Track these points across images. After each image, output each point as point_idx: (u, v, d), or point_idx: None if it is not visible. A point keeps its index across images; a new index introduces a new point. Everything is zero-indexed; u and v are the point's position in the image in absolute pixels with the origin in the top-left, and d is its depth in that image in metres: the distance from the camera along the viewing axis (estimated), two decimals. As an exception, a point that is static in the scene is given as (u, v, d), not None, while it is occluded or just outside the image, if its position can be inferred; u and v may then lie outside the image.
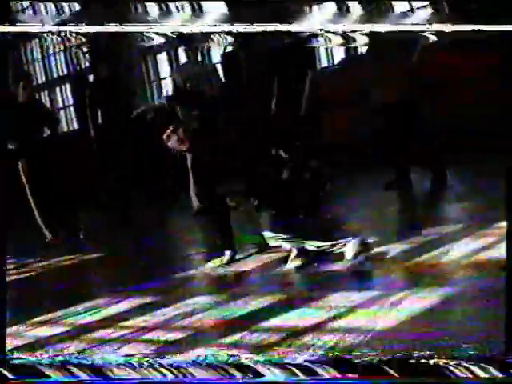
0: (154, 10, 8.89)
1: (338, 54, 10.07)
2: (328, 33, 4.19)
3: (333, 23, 7.86)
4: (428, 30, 3.28)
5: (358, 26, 4.19)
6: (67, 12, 10.48)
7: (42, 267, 6.36)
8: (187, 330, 3.63)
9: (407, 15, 7.58)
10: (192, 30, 3.74)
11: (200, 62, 8.80)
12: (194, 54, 8.17)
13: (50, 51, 13.01)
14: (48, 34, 3.81)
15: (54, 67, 13.09)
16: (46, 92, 13.25)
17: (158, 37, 4.02)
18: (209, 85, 7.89)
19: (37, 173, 7.30)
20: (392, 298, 3.48)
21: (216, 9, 7.99)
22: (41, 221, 7.47)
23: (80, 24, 3.48)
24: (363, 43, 3.96)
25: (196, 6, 7.38)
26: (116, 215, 8.27)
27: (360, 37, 3.69)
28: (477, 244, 4.23)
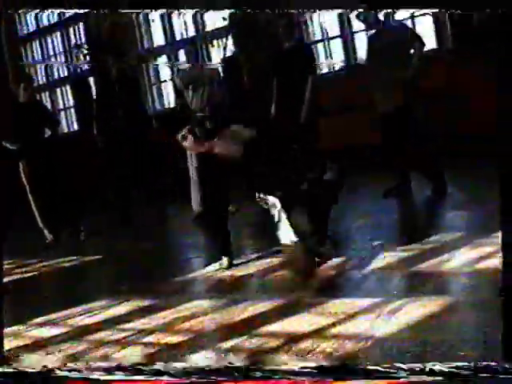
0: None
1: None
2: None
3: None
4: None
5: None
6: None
7: (41, 268, 6.37)
8: (187, 334, 3.64)
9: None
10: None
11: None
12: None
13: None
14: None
15: (55, 67, 13.12)
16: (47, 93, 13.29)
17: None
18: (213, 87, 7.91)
19: (37, 173, 7.32)
20: (390, 306, 3.49)
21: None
22: (41, 222, 7.48)
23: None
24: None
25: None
26: (117, 216, 8.28)
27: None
28: (475, 253, 4.23)
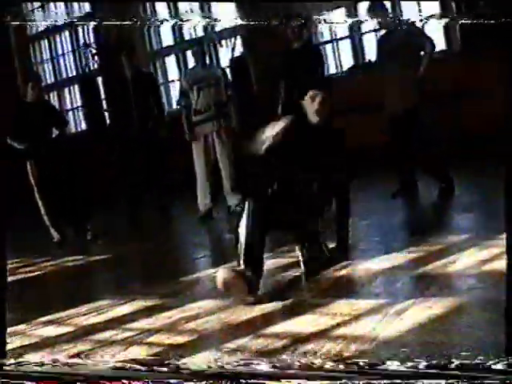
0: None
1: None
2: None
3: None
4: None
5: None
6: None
7: (48, 267, 6.38)
8: (192, 334, 3.63)
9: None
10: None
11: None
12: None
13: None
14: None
15: (63, 67, 13.15)
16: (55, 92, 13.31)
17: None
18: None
19: (45, 173, 7.33)
20: (397, 307, 3.48)
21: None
22: (48, 221, 7.50)
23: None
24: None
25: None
26: (124, 216, 8.30)
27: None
28: (482, 254, 4.22)
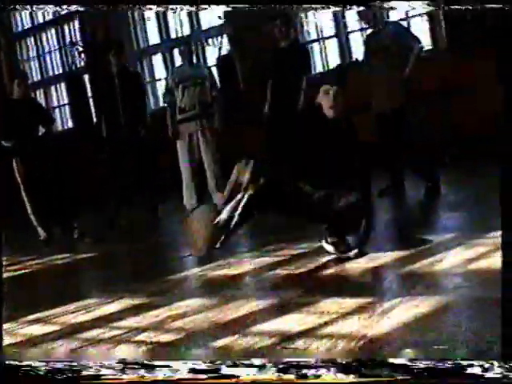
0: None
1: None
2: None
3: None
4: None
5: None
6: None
7: (35, 265, 6.37)
8: (179, 332, 3.63)
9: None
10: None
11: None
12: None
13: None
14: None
15: (49, 65, 13.10)
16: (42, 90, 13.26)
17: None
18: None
19: (31, 171, 7.32)
20: (384, 305, 3.49)
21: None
22: (35, 219, 7.48)
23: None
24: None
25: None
26: (110, 215, 8.28)
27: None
28: (469, 253, 4.24)
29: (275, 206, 4.65)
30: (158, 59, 11.79)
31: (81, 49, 12.11)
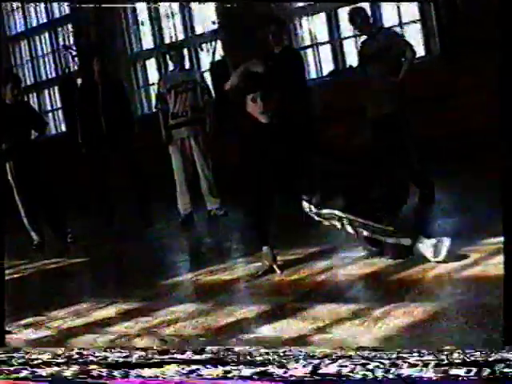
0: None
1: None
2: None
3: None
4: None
5: None
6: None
7: (28, 270, 6.35)
8: (171, 338, 3.62)
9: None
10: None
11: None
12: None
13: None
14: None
15: (43, 69, 13.08)
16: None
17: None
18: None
19: (24, 175, 7.30)
20: (377, 312, 3.49)
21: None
22: (28, 223, 7.46)
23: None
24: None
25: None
26: (103, 219, 8.27)
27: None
28: (462, 260, 4.24)
29: None
30: (151, 63, 11.78)
31: (74, 53, 12.10)
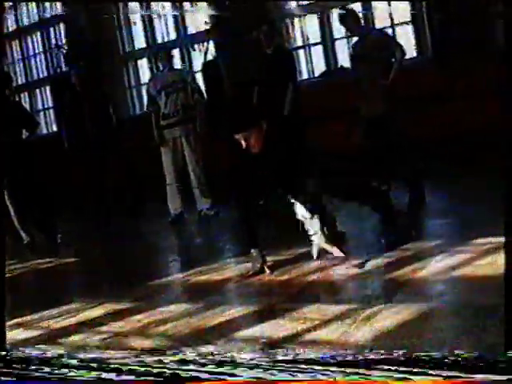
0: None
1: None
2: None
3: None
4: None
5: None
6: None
7: (17, 269, 6.34)
8: (162, 338, 3.63)
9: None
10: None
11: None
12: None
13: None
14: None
15: (34, 68, 13.05)
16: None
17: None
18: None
19: (15, 174, 7.28)
20: (367, 312, 3.50)
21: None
22: (18, 223, 7.44)
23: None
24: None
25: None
26: (93, 219, 8.26)
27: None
28: (453, 260, 4.26)
29: None
30: (143, 63, 11.77)
31: (65, 52, 12.07)
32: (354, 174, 5.28)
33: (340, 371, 2.64)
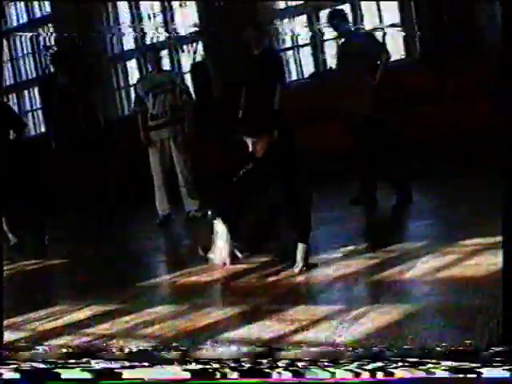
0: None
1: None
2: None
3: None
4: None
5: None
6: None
7: (4, 271, 6.30)
8: (149, 340, 3.61)
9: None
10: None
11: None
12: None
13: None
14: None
15: (22, 69, 13.01)
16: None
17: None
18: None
19: (2, 176, 7.25)
20: (353, 313, 3.50)
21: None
22: (5, 224, 7.41)
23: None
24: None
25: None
26: (82, 221, 8.25)
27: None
28: (439, 261, 4.26)
29: None
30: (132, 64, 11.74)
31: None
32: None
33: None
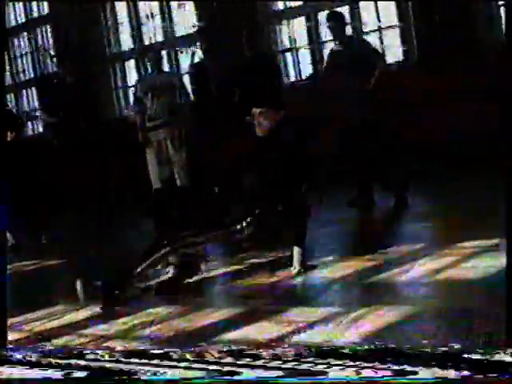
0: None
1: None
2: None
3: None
4: None
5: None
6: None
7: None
8: (146, 340, 3.62)
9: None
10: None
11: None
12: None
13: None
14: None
15: (21, 69, 13.00)
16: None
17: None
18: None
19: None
20: (350, 315, 3.51)
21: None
22: (5, 225, 7.41)
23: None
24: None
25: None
26: (78, 222, 8.25)
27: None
28: (436, 263, 4.27)
29: None
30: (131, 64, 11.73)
31: (52, 53, 12.04)
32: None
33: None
